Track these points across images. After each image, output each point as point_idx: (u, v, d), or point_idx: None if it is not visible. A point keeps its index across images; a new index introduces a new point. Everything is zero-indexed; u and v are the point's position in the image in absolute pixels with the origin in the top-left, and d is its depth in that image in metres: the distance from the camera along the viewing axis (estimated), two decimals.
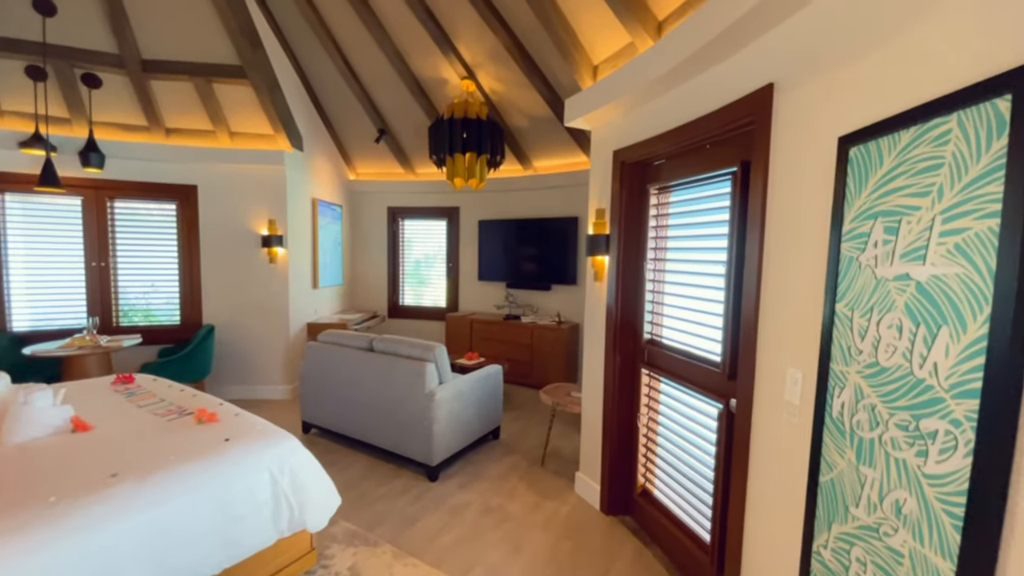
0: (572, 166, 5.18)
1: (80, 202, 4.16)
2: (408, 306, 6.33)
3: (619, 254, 2.52)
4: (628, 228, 2.51)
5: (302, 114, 4.85)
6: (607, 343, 2.64)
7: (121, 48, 3.75)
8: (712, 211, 2.01)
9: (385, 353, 3.38)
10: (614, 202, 2.56)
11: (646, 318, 2.47)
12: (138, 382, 2.64)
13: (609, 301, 2.61)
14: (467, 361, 4.56)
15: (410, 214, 6.19)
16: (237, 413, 2.19)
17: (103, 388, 2.54)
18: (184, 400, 2.34)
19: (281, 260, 4.65)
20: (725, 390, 1.89)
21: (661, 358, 2.38)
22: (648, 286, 2.45)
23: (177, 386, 2.61)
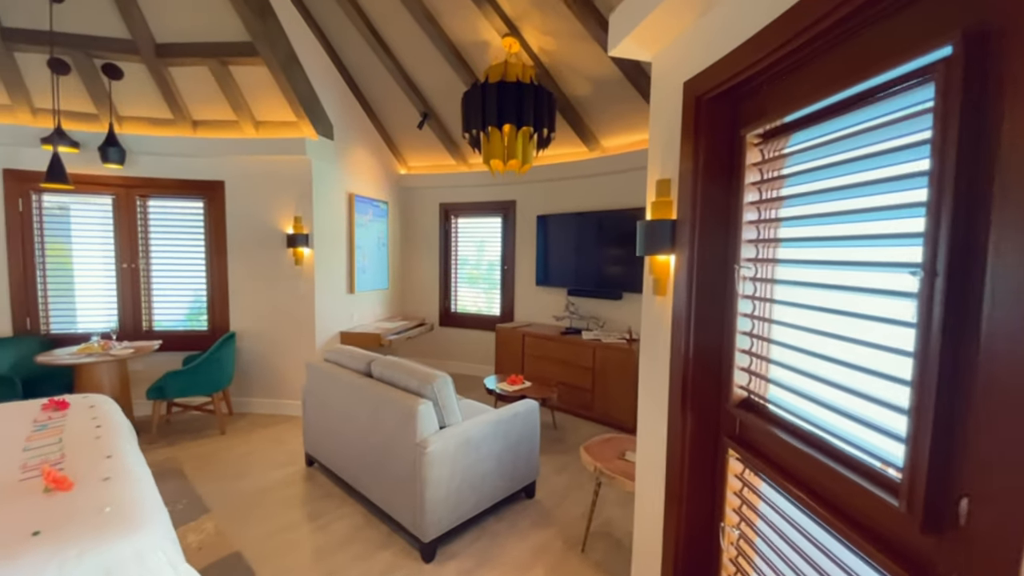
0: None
1: (111, 201, 4.04)
2: (460, 313, 5.63)
3: (693, 252, 1.47)
4: (708, 207, 1.46)
5: (334, 99, 4.36)
6: (672, 394, 1.60)
7: (133, 32, 3.50)
8: (881, 158, 0.92)
9: (381, 381, 2.64)
10: (686, 166, 1.51)
11: (739, 360, 1.40)
12: (71, 410, 2.18)
13: (676, 327, 1.57)
14: (508, 386, 3.68)
15: (463, 211, 5.49)
16: (107, 478, 1.55)
17: (22, 414, 2.11)
18: (79, 447, 1.78)
19: (307, 262, 4.19)
20: (915, 553, 0.79)
21: (766, 438, 1.30)
22: (744, 306, 1.38)
23: (107, 421, 2.09)
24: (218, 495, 2.88)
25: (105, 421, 2.06)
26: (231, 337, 3.96)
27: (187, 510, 2.70)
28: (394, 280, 5.56)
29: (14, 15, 3.30)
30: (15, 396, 3.37)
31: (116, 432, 1.95)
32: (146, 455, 3.55)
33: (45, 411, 2.16)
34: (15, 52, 3.45)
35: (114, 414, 2.21)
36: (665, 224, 1.58)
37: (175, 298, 4.26)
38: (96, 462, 1.62)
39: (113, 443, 1.79)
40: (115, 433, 1.94)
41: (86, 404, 2.26)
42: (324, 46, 4.23)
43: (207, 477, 3.11)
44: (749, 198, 1.35)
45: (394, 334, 4.68)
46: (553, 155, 4.77)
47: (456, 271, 5.65)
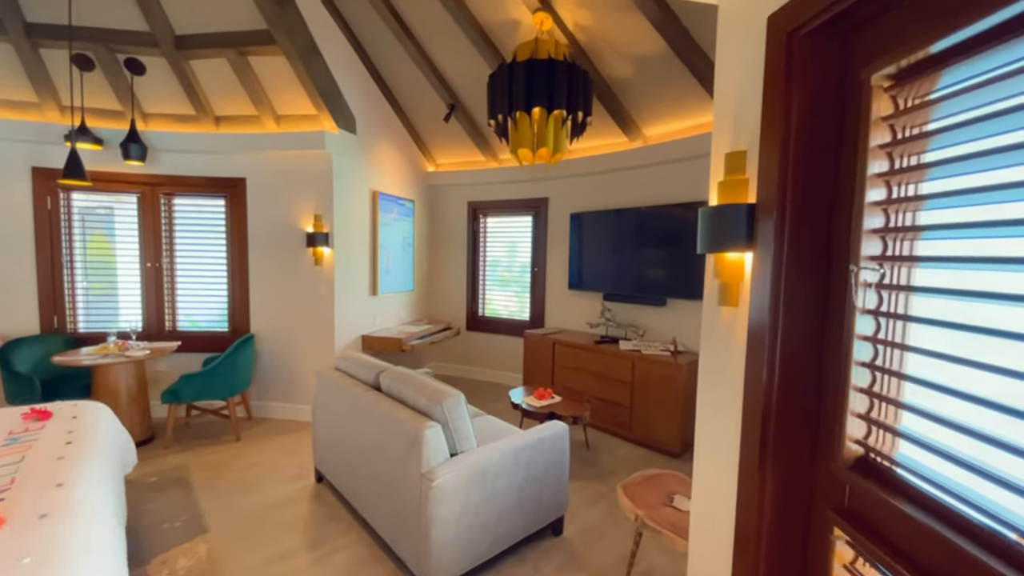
0: (699, 128, 3.60)
1: (136, 199, 3.97)
2: (489, 318, 5.31)
3: (781, 247, 1.06)
4: (805, 185, 1.04)
5: (357, 91, 4.14)
6: (746, 441, 1.19)
7: (152, 25, 3.38)
8: None
9: (390, 395, 2.33)
10: (771, 131, 1.10)
11: (853, 403, 0.98)
12: (51, 421, 1.99)
13: (753, 351, 1.16)
14: (535, 401, 3.32)
15: (492, 209, 5.17)
16: (44, 515, 1.30)
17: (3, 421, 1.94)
18: (35, 470, 1.55)
19: (327, 262, 3.97)
20: None
21: (894, 517, 0.88)
22: (863, 325, 0.96)
23: (83, 436, 1.87)
24: (220, 512, 2.67)
25: (81, 436, 1.85)
26: (248, 340, 3.79)
27: (184, 528, 2.49)
28: (420, 282, 5.31)
29: (37, 10, 3.24)
30: (33, 396, 3.30)
31: (86, 450, 1.73)
32: (158, 461, 3.45)
33: (26, 420, 1.98)
34: (40, 49, 3.40)
35: (97, 426, 2.00)
36: (738, 211, 1.17)
37: (197, 298, 4.15)
38: (41, 492, 1.38)
39: (73, 466, 1.56)
40: (84, 451, 1.71)
41: (69, 414, 2.07)
42: (346, 34, 4.01)
43: (213, 490, 2.91)
44: (874, 168, 0.93)
45: (417, 339, 4.40)
46: (589, 147, 4.37)
47: (485, 273, 5.34)
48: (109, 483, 1.65)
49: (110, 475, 1.74)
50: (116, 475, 1.85)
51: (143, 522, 2.53)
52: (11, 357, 3.39)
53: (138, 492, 2.85)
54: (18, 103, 3.61)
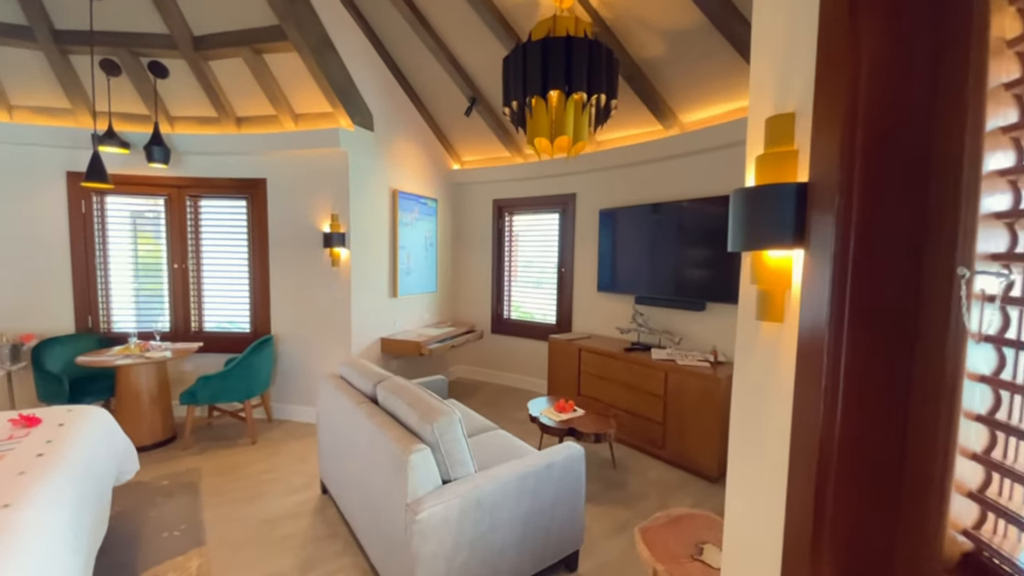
0: (744, 111, 3.20)
1: (164, 202, 4.01)
2: (514, 320, 5.06)
3: (847, 241, 0.74)
4: (883, 151, 0.72)
5: (374, 86, 4.01)
6: (793, 500, 0.87)
7: (170, 26, 3.36)
8: None
9: (385, 409, 2.13)
10: (831, 80, 0.79)
11: (960, 471, 0.65)
12: (37, 430, 1.92)
13: (804, 389, 0.84)
14: (555, 414, 3.04)
15: (518, 207, 4.92)
16: None
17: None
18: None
19: (344, 263, 3.86)
20: None
21: None
22: (980, 357, 0.63)
23: (59, 447, 1.78)
24: (221, 522, 2.56)
25: (57, 447, 1.75)
26: (266, 341, 3.73)
27: (181, 539, 2.40)
28: (443, 283, 5.13)
29: (64, 17, 3.30)
30: (61, 395, 3.37)
31: (55, 464, 1.62)
32: (173, 463, 3.39)
33: (14, 427, 1.92)
34: (70, 55, 3.47)
35: (80, 435, 1.92)
36: (783, 194, 0.86)
37: (220, 299, 4.16)
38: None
39: (31, 484, 1.44)
40: (52, 466, 1.60)
41: (56, 421, 2.00)
42: (361, 26, 3.87)
43: (219, 497, 2.83)
44: (997, 120, 0.61)
45: (436, 342, 4.22)
46: (618, 137, 4.03)
47: (510, 274, 5.09)
48: (73, 503, 1.52)
49: (80, 492, 1.63)
50: (92, 491, 1.74)
51: (144, 529, 2.47)
52: (43, 356, 3.47)
53: (147, 496, 2.81)
54: (52, 109, 3.72)
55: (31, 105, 3.66)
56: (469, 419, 2.87)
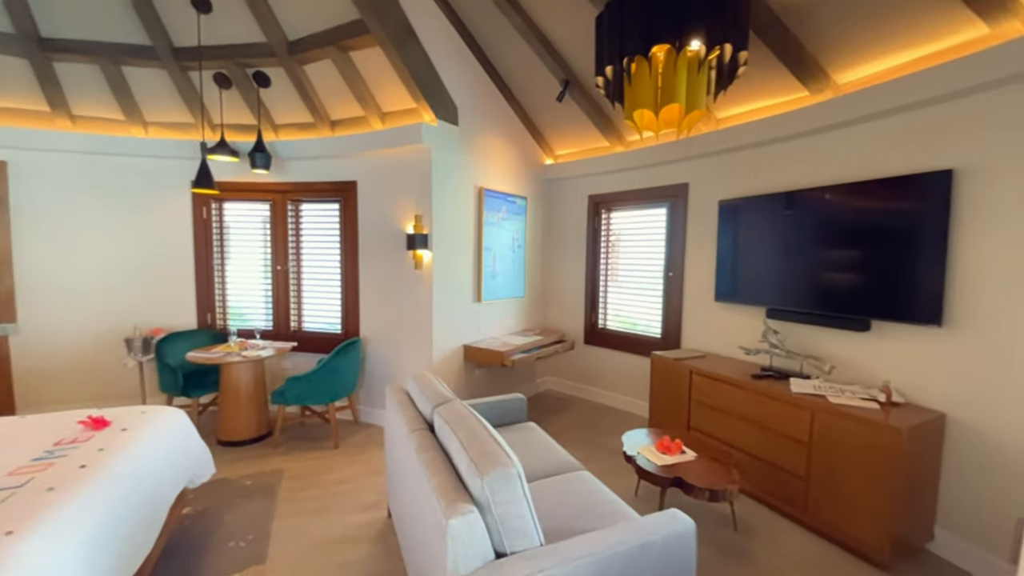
0: (947, 54, 2.31)
1: (269, 207, 4.20)
2: (611, 331, 4.48)
3: None
4: None
5: (459, 76, 3.75)
6: None
7: (268, 34, 3.44)
8: None
9: (440, 443, 1.77)
10: None
11: None
12: (103, 433, 1.90)
13: None
14: (657, 456, 2.46)
15: (617, 202, 4.34)
16: None
17: (51, 431, 1.89)
18: (19, 504, 1.35)
19: (427, 265, 3.66)
20: None
21: None
22: None
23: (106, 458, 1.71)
24: (286, 537, 2.44)
25: (104, 458, 1.69)
26: (352, 344, 3.67)
27: (245, 552, 2.31)
28: (531, 288, 4.74)
29: (181, 35, 3.55)
30: (177, 387, 3.65)
31: (91, 480, 1.53)
32: (260, 462, 3.28)
33: (83, 428, 1.94)
34: (189, 72, 3.75)
35: (137, 443, 1.86)
36: None
37: (316, 300, 4.25)
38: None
39: (49, 505, 1.34)
40: (87, 482, 1.51)
41: (120, 426, 1.98)
42: (444, 10, 3.62)
43: (292, 505, 2.75)
44: None
45: (521, 352, 3.83)
46: (743, 112, 3.26)
47: (607, 279, 4.52)
48: (97, 527, 1.40)
49: (114, 512, 1.51)
50: (132, 509, 1.63)
51: (215, 535, 2.43)
52: (164, 350, 3.79)
53: (229, 495, 2.83)
54: (179, 124, 4.08)
55: (162, 121, 4.05)
56: (549, 453, 2.41)
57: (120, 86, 3.75)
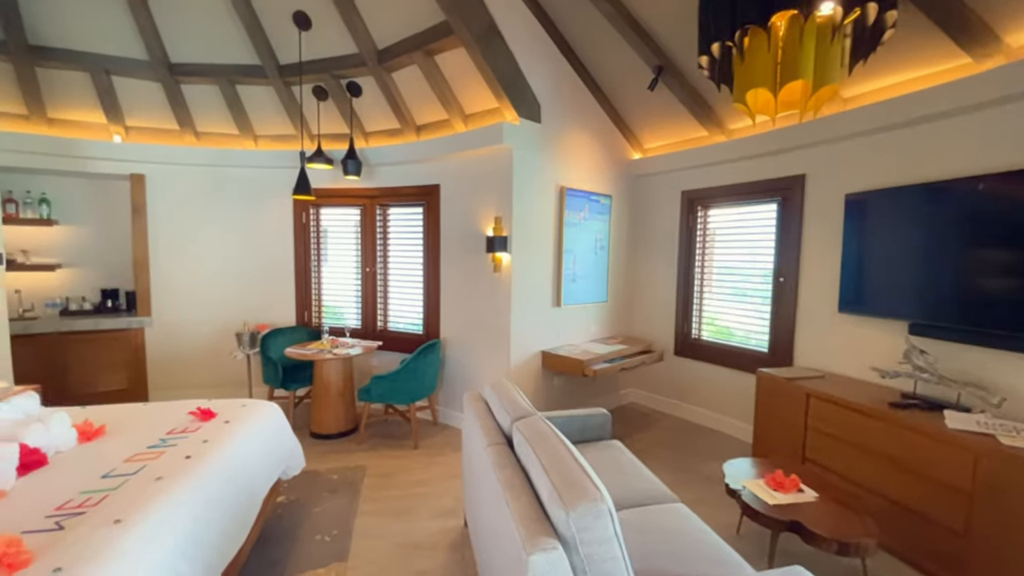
0: None
1: (359, 211, 4.38)
2: (706, 342, 4.07)
3: None
4: None
5: (543, 71, 3.61)
6: None
7: (359, 45, 3.57)
8: None
9: (518, 459, 1.63)
10: None
11: None
12: (208, 424, 2.02)
13: None
14: (768, 493, 2.13)
15: (716, 198, 3.93)
16: (58, 569, 1.06)
17: (164, 420, 2.04)
18: (129, 491, 1.43)
19: (505, 268, 3.57)
20: None
21: None
22: None
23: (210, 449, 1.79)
24: (366, 536, 2.47)
25: (208, 449, 1.78)
26: (432, 346, 3.69)
27: (328, 548, 2.35)
28: (615, 292, 4.45)
29: (285, 52, 3.81)
30: (277, 380, 3.91)
31: (194, 472, 1.60)
32: (346, 457, 3.39)
33: (192, 419, 2.07)
34: (291, 87, 4.02)
35: (235, 436, 1.95)
36: None
37: (400, 301, 4.36)
38: (94, 529, 1.22)
39: (155, 496, 1.41)
40: (191, 473, 1.59)
41: (223, 419, 2.09)
42: (530, 5, 3.49)
43: (374, 503, 2.79)
44: None
45: (604, 362, 3.59)
46: (877, 88, 2.75)
47: (702, 283, 4.11)
48: (196, 519, 1.45)
49: (211, 506, 1.57)
50: (229, 502, 1.69)
51: (303, 526, 2.52)
52: (267, 344, 4.09)
53: (318, 488, 2.94)
54: (282, 136, 4.40)
55: (269, 134, 4.40)
56: (637, 479, 2.17)
57: (235, 103, 4.13)
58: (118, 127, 4.04)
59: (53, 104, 3.82)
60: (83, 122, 3.97)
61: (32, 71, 3.56)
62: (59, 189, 4.10)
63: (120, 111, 4.01)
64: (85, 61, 3.65)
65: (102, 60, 3.70)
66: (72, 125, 3.94)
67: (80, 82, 3.76)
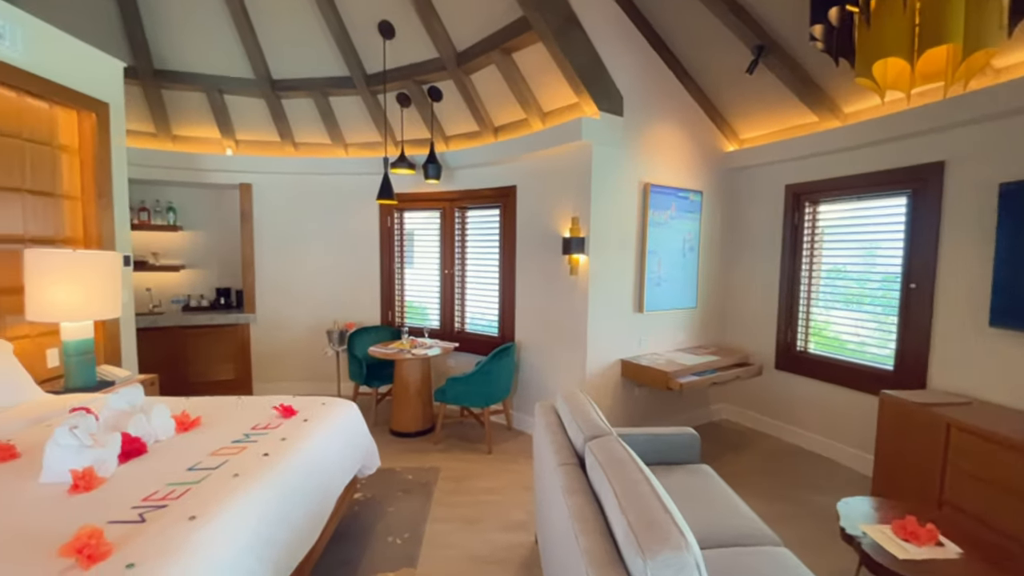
0: None
1: (439, 215, 4.46)
2: (813, 356, 3.58)
3: None
4: None
5: (626, 61, 3.39)
6: None
7: (439, 49, 3.61)
8: None
9: (590, 484, 1.49)
10: None
11: None
12: (289, 421, 2.10)
13: None
14: (897, 545, 1.78)
15: (829, 192, 3.45)
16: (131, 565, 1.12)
17: (252, 414, 2.15)
18: (209, 487, 1.48)
19: (582, 270, 3.40)
20: None
21: None
22: None
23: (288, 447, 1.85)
24: (436, 543, 2.45)
25: (286, 448, 1.84)
26: (506, 349, 3.64)
27: (400, 550, 2.37)
28: (705, 298, 4.08)
29: (371, 62, 3.97)
30: (361, 377, 4.10)
31: (271, 470, 1.65)
32: (422, 457, 3.45)
33: (275, 414, 2.18)
34: (377, 95, 4.19)
35: (313, 437, 2.01)
36: None
37: (476, 303, 4.37)
38: (172, 523, 1.28)
39: (232, 493, 1.46)
40: (267, 471, 1.64)
41: (302, 417, 2.17)
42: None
43: (446, 508, 2.78)
44: None
45: (692, 375, 3.28)
46: None
47: (809, 288, 3.62)
48: (268, 519, 1.49)
49: (286, 504, 1.61)
50: (303, 501, 1.73)
51: (376, 527, 2.56)
52: (354, 342, 4.30)
53: (393, 487, 3.00)
54: (369, 144, 4.61)
55: (357, 142, 4.64)
56: (730, 513, 1.91)
57: (328, 114, 4.40)
58: (230, 141, 4.49)
59: (176, 122, 4.34)
60: (201, 137, 4.46)
61: (159, 93, 4.07)
62: (183, 198, 4.65)
63: (231, 126, 4.45)
64: (202, 82, 4.10)
65: (216, 80, 4.13)
66: (192, 141, 4.45)
67: (198, 101, 4.23)
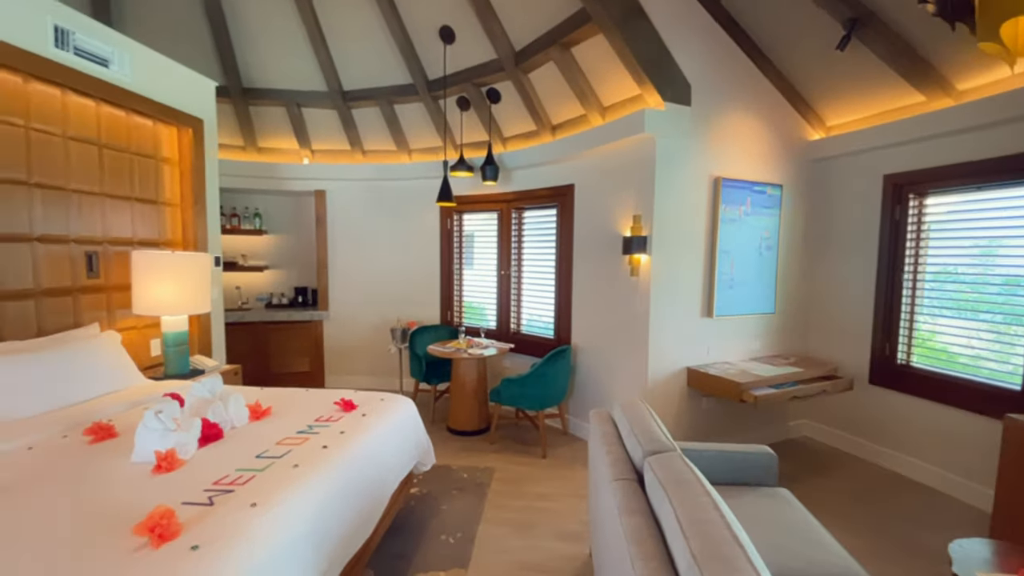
0: None
1: (496, 216, 4.46)
2: (917, 369, 3.14)
3: None
4: None
5: (694, 46, 3.16)
6: None
7: (498, 50, 3.60)
8: None
9: (649, 504, 1.37)
10: None
11: None
12: (348, 416, 2.16)
13: None
14: None
15: (937, 181, 3.01)
16: (196, 547, 1.16)
17: (316, 406, 2.24)
18: (270, 476, 1.55)
19: (644, 271, 3.23)
20: None
21: None
22: None
23: (348, 441, 1.90)
24: (488, 547, 2.42)
25: (345, 441, 1.89)
26: (562, 352, 3.54)
27: (453, 549, 2.36)
28: (786, 302, 3.71)
29: (433, 68, 4.05)
30: (419, 372, 4.20)
31: (329, 463, 1.70)
32: (477, 456, 3.47)
33: (337, 407, 2.25)
34: (438, 100, 4.27)
35: (372, 430, 2.06)
36: None
37: (533, 304, 4.32)
38: (234, 510, 1.33)
39: (292, 483, 1.50)
40: (326, 464, 1.68)
41: (361, 412, 2.22)
42: None
43: (500, 510, 2.75)
44: None
45: (769, 387, 2.99)
46: None
47: (913, 293, 3.16)
48: (323, 513, 1.52)
49: (340, 498, 1.65)
50: (357, 496, 1.77)
51: (431, 523, 2.58)
52: (415, 340, 4.41)
53: (448, 484, 3.01)
54: (431, 148, 4.73)
55: (420, 147, 4.77)
56: (813, 546, 1.69)
57: (393, 121, 4.56)
58: (306, 151, 4.80)
59: (261, 135, 4.71)
60: (281, 148, 4.81)
61: (247, 109, 4.44)
62: (267, 204, 5.04)
63: (308, 137, 4.75)
64: (283, 97, 4.41)
65: (294, 95, 4.43)
66: (274, 152, 4.81)
67: (279, 115, 4.57)
